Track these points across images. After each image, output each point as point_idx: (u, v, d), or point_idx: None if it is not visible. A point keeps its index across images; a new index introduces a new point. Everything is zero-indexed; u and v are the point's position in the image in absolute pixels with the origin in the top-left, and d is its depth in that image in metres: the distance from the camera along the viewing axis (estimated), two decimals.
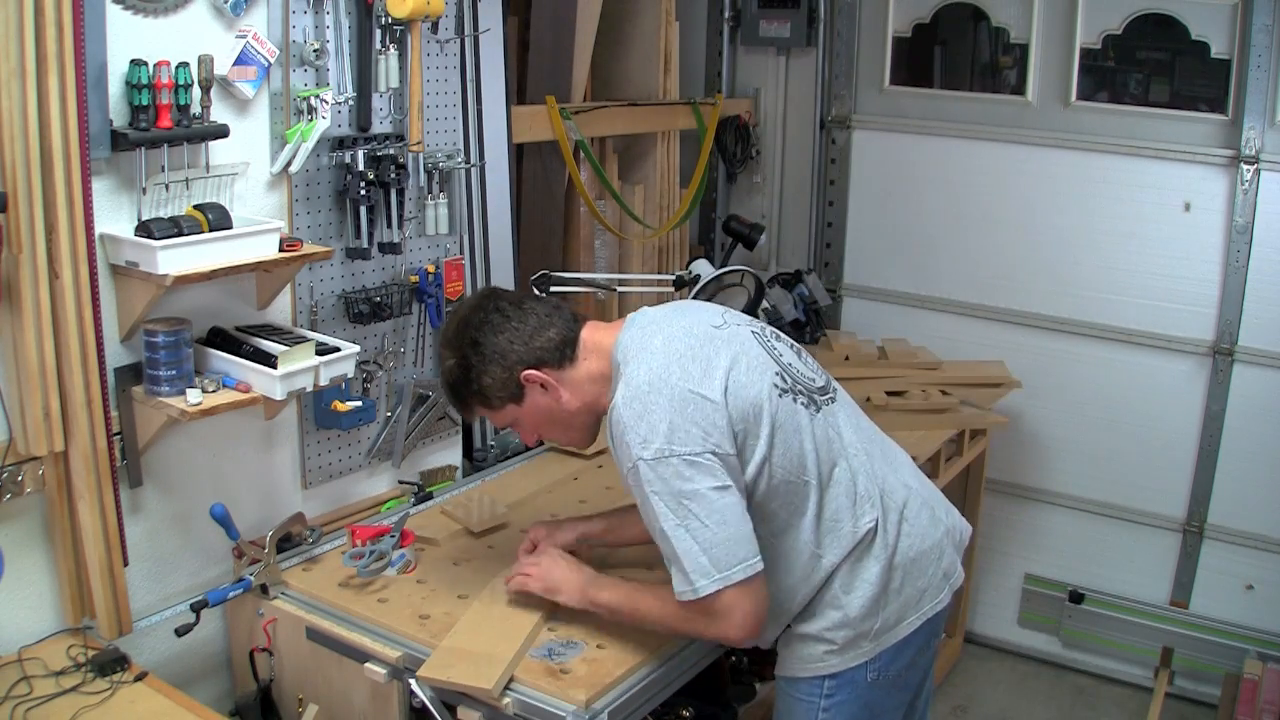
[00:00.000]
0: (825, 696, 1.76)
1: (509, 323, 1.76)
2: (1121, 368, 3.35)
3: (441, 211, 2.46)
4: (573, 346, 1.77)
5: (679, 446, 1.58)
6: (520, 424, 1.83)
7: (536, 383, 1.75)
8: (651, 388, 1.62)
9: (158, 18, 1.86)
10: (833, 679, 1.75)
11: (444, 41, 2.46)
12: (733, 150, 3.82)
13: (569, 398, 1.77)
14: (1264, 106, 3.01)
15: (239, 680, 2.15)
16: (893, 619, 1.74)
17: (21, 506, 1.83)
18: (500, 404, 1.78)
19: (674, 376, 1.63)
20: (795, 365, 1.77)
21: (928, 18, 3.51)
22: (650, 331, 1.73)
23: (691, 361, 1.66)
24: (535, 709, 1.68)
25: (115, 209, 1.86)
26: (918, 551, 1.77)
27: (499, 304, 1.78)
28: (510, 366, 1.74)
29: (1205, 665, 3.31)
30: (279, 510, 2.22)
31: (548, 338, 1.76)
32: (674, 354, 1.66)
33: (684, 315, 1.78)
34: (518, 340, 1.74)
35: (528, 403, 1.78)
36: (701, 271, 2.82)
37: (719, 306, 1.87)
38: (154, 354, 1.87)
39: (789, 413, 1.68)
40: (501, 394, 1.77)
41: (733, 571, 1.58)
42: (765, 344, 1.76)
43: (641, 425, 1.60)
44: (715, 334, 1.72)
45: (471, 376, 1.76)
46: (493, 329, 1.75)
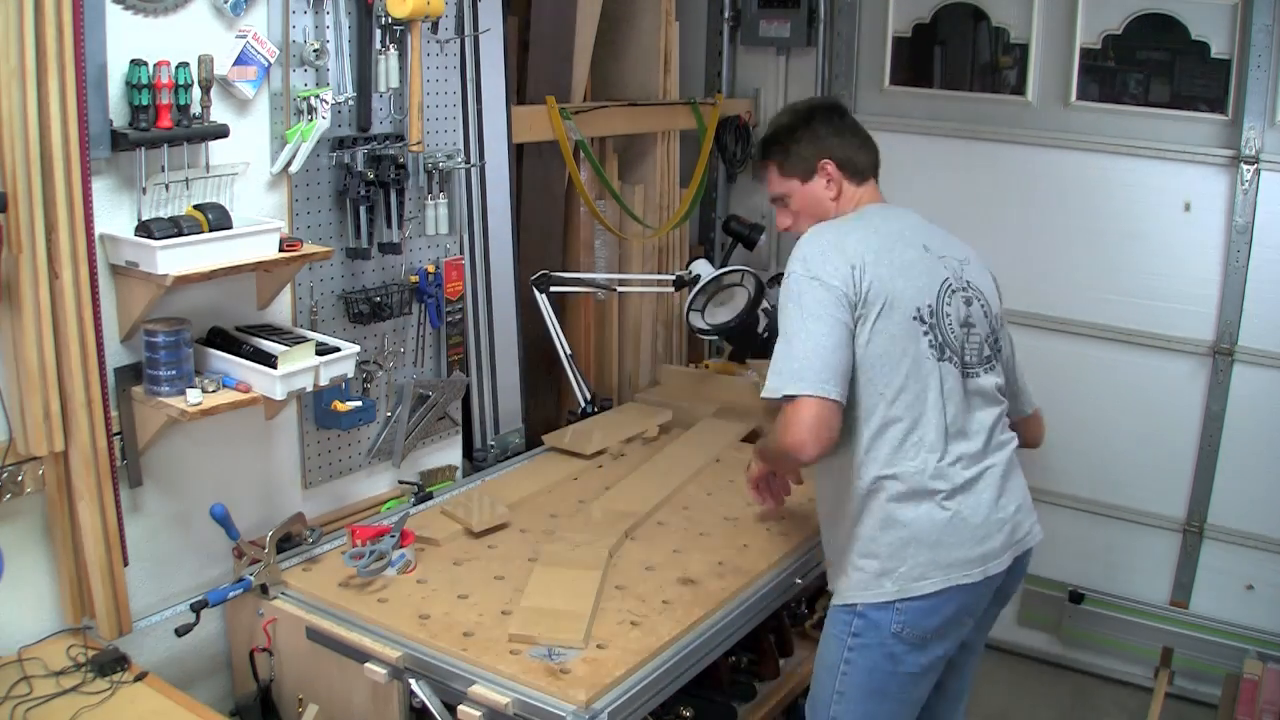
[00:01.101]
0: (853, 635, 1.88)
1: (844, 126, 2.11)
2: (1121, 368, 3.34)
3: (441, 211, 2.46)
4: (862, 176, 2.10)
5: (819, 272, 1.85)
6: (789, 200, 2.11)
7: (827, 175, 2.06)
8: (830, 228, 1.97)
9: (158, 18, 1.87)
10: (860, 617, 1.87)
11: (444, 41, 2.46)
12: (733, 150, 3.81)
13: (840, 202, 2.07)
14: (1264, 106, 3.01)
15: (239, 680, 2.15)
16: (918, 571, 1.84)
17: (21, 506, 1.83)
18: (788, 173, 2.09)
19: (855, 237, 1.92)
20: (952, 320, 1.95)
21: (928, 18, 3.51)
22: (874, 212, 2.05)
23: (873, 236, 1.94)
24: (535, 709, 1.68)
25: (115, 209, 1.86)
26: (963, 523, 1.86)
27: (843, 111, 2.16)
28: (821, 150, 2.06)
29: (1205, 665, 3.30)
30: (279, 510, 2.22)
31: (859, 155, 2.10)
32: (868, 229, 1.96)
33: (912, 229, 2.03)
34: (838, 140, 2.08)
35: (811, 185, 2.08)
36: (701, 271, 2.82)
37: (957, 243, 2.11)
38: (154, 354, 1.87)
39: (906, 331, 1.87)
40: (795, 166, 2.08)
41: (811, 385, 1.77)
42: (945, 290, 1.96)
43: (811, 247, 1.91)
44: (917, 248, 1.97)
45: (788, 140, 2.09)
46: (828, 122, 2.10)
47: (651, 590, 2.04)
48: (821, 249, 1.90)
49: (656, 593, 2.03)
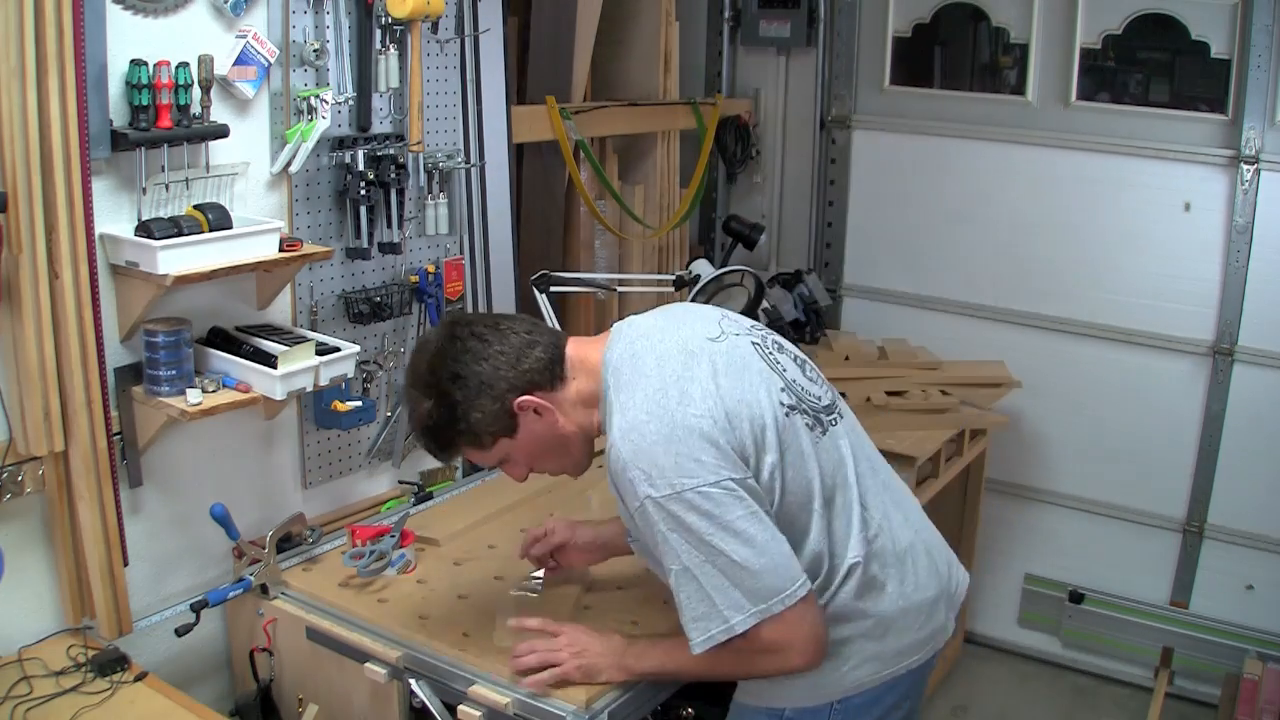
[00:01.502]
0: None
1: (490, 347, 1.58)
2: (1121, 368, 3.34)
3: (441, 211, 2.46)
4: (560, 364, 1.62)
5: (689, 479, 1.45)
6: (512, 459, 1.67)
7: (530, 409, 1.59)
8: (650, 416, 1.49)
9: (158, 18, 1.87)
10: None
11: (444, 41, 2.46)
12: (733, 150, 3.82)
13: (564, 421, 1.62)
14: (1264, 106, 3.01)
15: (239, 680, 2.15)
16: (864, 670, 1.63)
17: (21, 506, 1.83)
18: (491, 440, 1.61)
19: (672, 403, 1.50)
20: (799, 381, 1.63)
21: (928, 18, 3.51)
22: (640, 349, 1.59)
23: (690, 383, 1.52)
24: (535, 709, 1.68)
25: (115, 209, 1.86)
26: (909, 604, 1.64)
27: (473, 329, 1.61)
28: (501, 395, 1.57)
29: (1205, 665, 3.31)
30: (279, 510, 2.22)
31: (535, 357, 1.59)
32: (670, 377, 1.53)
33: (678, 328, 1.63)
34: (504, 364, 1.57)
35: (521, 433, 1.61)
36: (701, 271, 2.82)
37: (715, 311, 1.73)
38: (154, 354, 1.87)
39: (794, 433, 1.56)
40: (493, 428, 1.59)
41: (770, 604, 1.47)
42: (767, 356, 1.63)
43: (643, 461, 1.47)
44: (711, 347, 1.59)
45: (459, 415, 1.58)
46: (474, 357, 1.57)
47: (653, 590, 2.04)
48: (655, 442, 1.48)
49: (657, 592, 2.03)
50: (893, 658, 1.64)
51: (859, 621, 1.61)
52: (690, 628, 1.51)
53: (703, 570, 1.47)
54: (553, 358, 1.62)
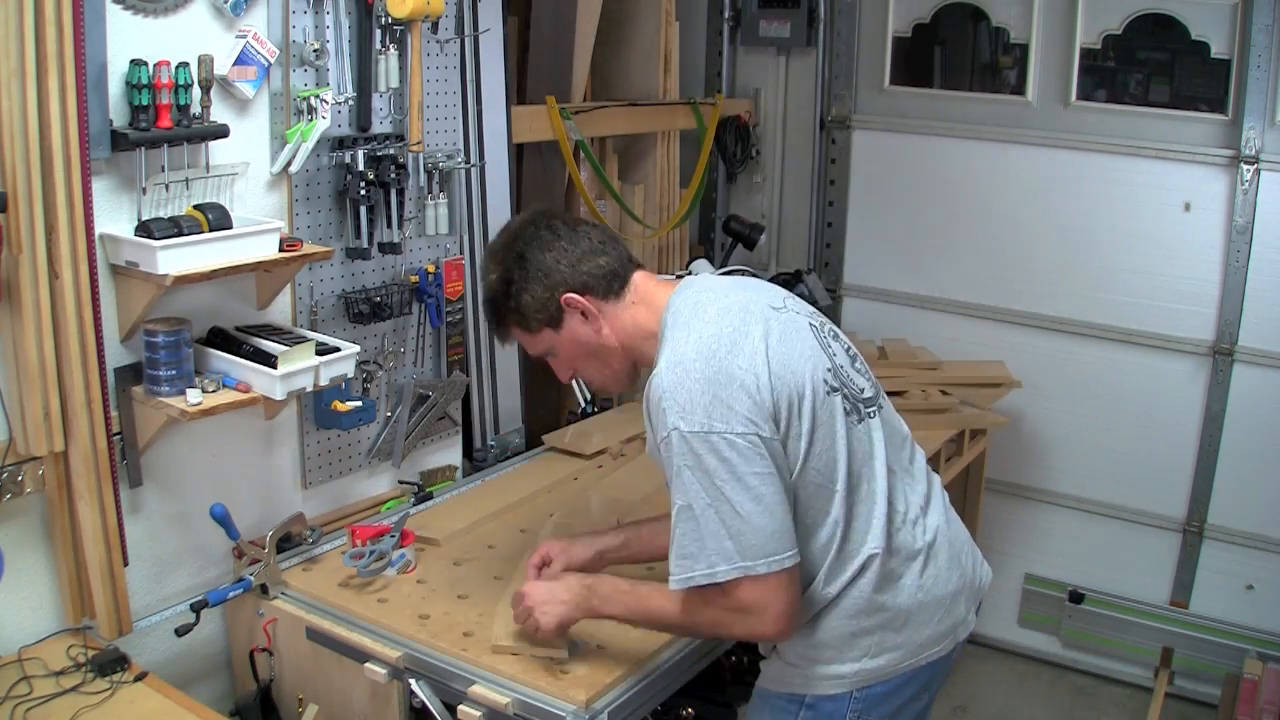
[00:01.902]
0: None
1: (559, 241, 1.66)
2: (1121, 368, 3.34)
3: (441, 211, 2.46)
4: (622, 282, 1.68)
5: (720, 424, 1.49)
6: (555, 354, 1.72)
7: (577, 309, 1.65)
8: (699, 356, 1.53)
9: (158, 18, 1.86)
10: (810, 709, 1.66)
11: (444, 41, 2.46)
12: (733, 150, 3.82)
13: (609, 332, 1.67)
14: (1264, 106, 3.01)
15: (239, 680, 2.15)
16: (884, 660, 1.64)
17: (21, 506, 1.83)
18: (537, 326, 1.68)
19: (723, 350, 1.53)
20: (846, 368, 1.66)
21: (928, 18, 3.51)
22: (705, 300, 1.62)
23: (744, 338, 1.55)
24: (535, 709, 1.68)
25: (115, 209, 1.86)
26: (928, 598, 1.65)
27: (551, 222, 1.68)
28: (553, 286, 1.64)
29: (1205, 665, 3.31)
30: (279, 510, 2.21)
31: (597, 264, 1.66)
32: (726, 327, 1.56)
33: (744, 290, 1.68)
34: (565, 260, 1.65)
35: (565, 330, 1.67)
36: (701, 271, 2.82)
37: (782, 290, 1.74)
38: (154, 354, 1.87)
39: (830, 413, 1.58)
40: (540, 315, 1.66)
41: (757, 564, 1.49)
42: (821, 339, 1.65)
43: (681, 394, 1.51)
44: (772, 314, 1.62)
45: (512, 292, 1.66)
46: (541, 245, 1.65)
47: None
48: (694, 382, 1.51)
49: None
50: (914, 649, 1.66)
51: (879, 614, 1.62)
52: (675, 563, 1.53)
53: (705, 513, 1.50)
54: (614, 272, 1.67)
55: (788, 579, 1.52)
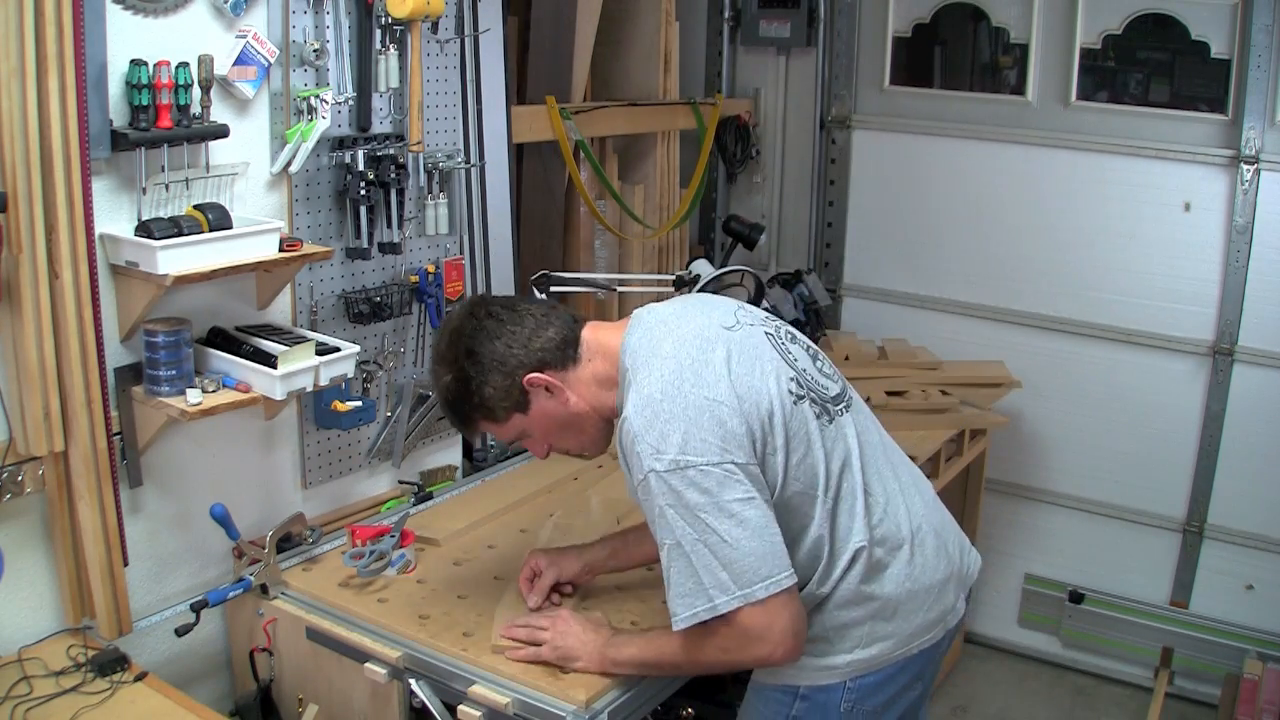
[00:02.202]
0: (791, 718, 1.68)
1: (504, 326, 1.67)
2: (1121, 368, 3.35)
3: (441, 211, 2.46)
4: (575, 346, 1.70)
5: (695, 457, 1.50)
6: (529, 435, 1.74)
7: (541, 386, 1.67)
8: (665, 395, 1.54)
9: (158, 18, 1.86)
10: (803, 700, 1.67)
11: (444, 41, 2.46)
12: (733, 150, 3.82)
13: (576, 400, 1.69)
14: (1264, 106, 3.01)
15: (239, 680, 2.15)
16: (875, 650, 1.65)
17: (21, 506, 1.83)
18: (505, 415, 1.69)
19: (687, 384, 1.55)
20: (809, 370, 1.67)
21: (928, 18, 3.51)
22: (659, 335, 1.65)
23: (705, 367, 1.57)
24: (535, 709, 1.68)
25: (115, 209, 1.86)
26: (916, 586, 1.67)
27: (490, 309, 1.69)
28: (511, 372, 1.66)
29: (1205, 665, 3.31)
30: (279, 510, 2.22)
31: (547, 338, 1.68)
32: (686, 360, 1.58)
33: (694, 315, 1.69)
34: (516, 343, 1.66)
35: (534, 410, 1.69)
36: (701, 271, 2.82)
37: (732, 303, 1.76)
38: (154, 354, 1.87)
39: (802, 421, 1.60)
40: (505, 403, 1.67)
41: (754, 589, 1.49)
42: (779, 346, 1.67)
43: (652, 434, 1.52)
44: (726, 335, 1.64)
45: (472, 389, 1.67)
46: (488, 335, 1.66)
47: (652, 590, 2.04)
48: (662, 416, 1.53)
49: (657, 593, 2.03)
50: (904, 638, 1.67)
51: (867, 604, 1.64)
52: (675, 604, 1.54)
53: (694, 548, 1.51)
54: (566, 339, 1.69)
55: (787, 598, 1.53)
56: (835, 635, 1.64)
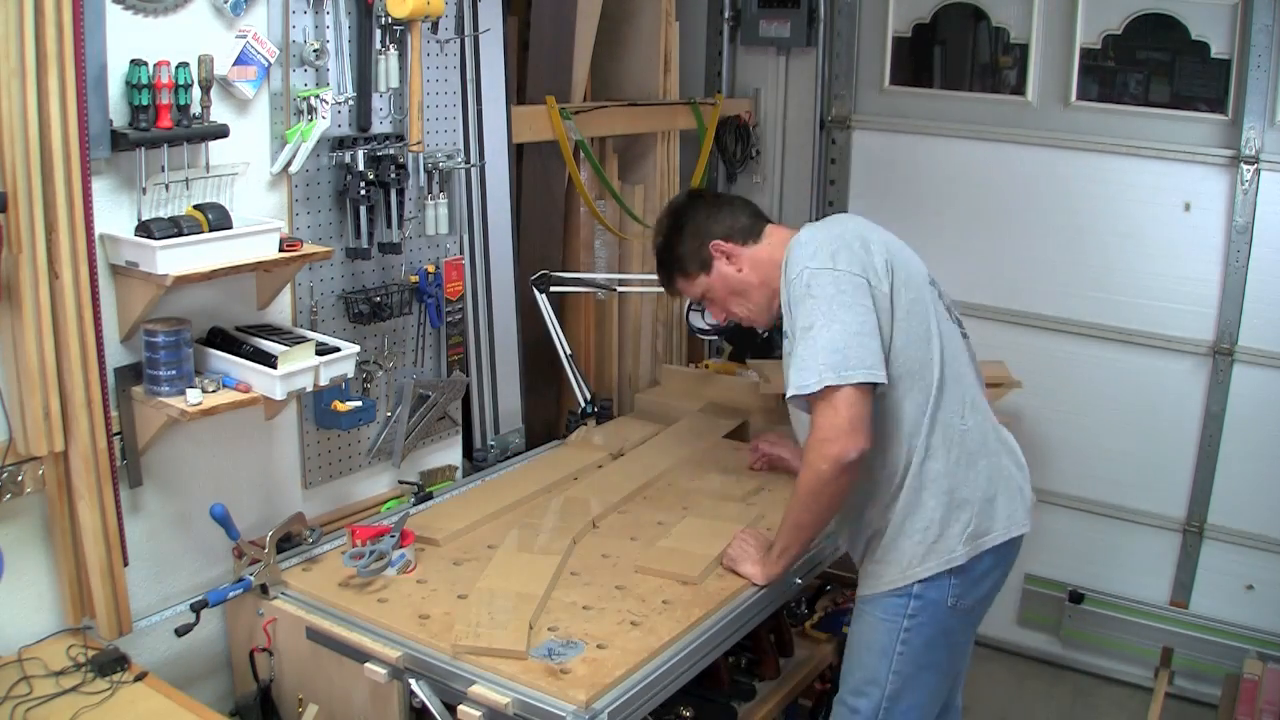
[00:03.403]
0: (908, 616, 1.94)
1: (706, 207, 2.14)
2: (1121, 368, 3.34)
3: (441, 211, 2.46)
4: (757, 232, 2.11)
5: (841, 265, 1.86)
6: (711, 294, 2.15)
7: (722, 253, 2.09)
8: (828, 233, 1.94)
9: (158, 18, 1.87)
10: (916, 599, 1.92)
11: (444, 41, 2.46)
12: (733, 150, 3.82)
13: (748, 271, 2.09)
14: (1264, 106, 3.01)
15: (239, 680, 2.15)
16: (978, 529, 1.92)
17: (21, 506, 1.83)
18: (694, 273, 2.13)
19: (849, 230, 1.94)
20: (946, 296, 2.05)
21: (928, 18, 3.51)
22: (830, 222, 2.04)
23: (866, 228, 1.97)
24: (535, 709, 1.68)
25: (115, 209, 1.86)
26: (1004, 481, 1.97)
27: (703, 194, 2.26)
28: (702, 238, 2.10)
29: (1205, 665, 3.31)
30: (279, 510, 2.22)
31: (737, 219, 2.11)
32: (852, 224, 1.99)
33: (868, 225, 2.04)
34: (711, 219, 2.11)
35: (715, 271, 2.11)
36: None
37: None
38: (154, 354, 1.87)
39: (933, 301, 1.96)
40: (694, 263, 2.12)
41: (854, 372, 1.78)
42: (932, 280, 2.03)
43: (811, 245, 1.91)
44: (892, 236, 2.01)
45: (672, 247, 2.14)
46: (694, 210, 2.15)
47: (651, 590, 2.04)
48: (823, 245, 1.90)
49: (656, 593, 2.03)
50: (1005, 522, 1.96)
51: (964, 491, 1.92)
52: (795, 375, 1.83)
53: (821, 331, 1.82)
54: (749, 226, 2.12)
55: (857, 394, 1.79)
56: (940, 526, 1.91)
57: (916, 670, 1.96)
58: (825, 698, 2.70)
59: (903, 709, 1.98)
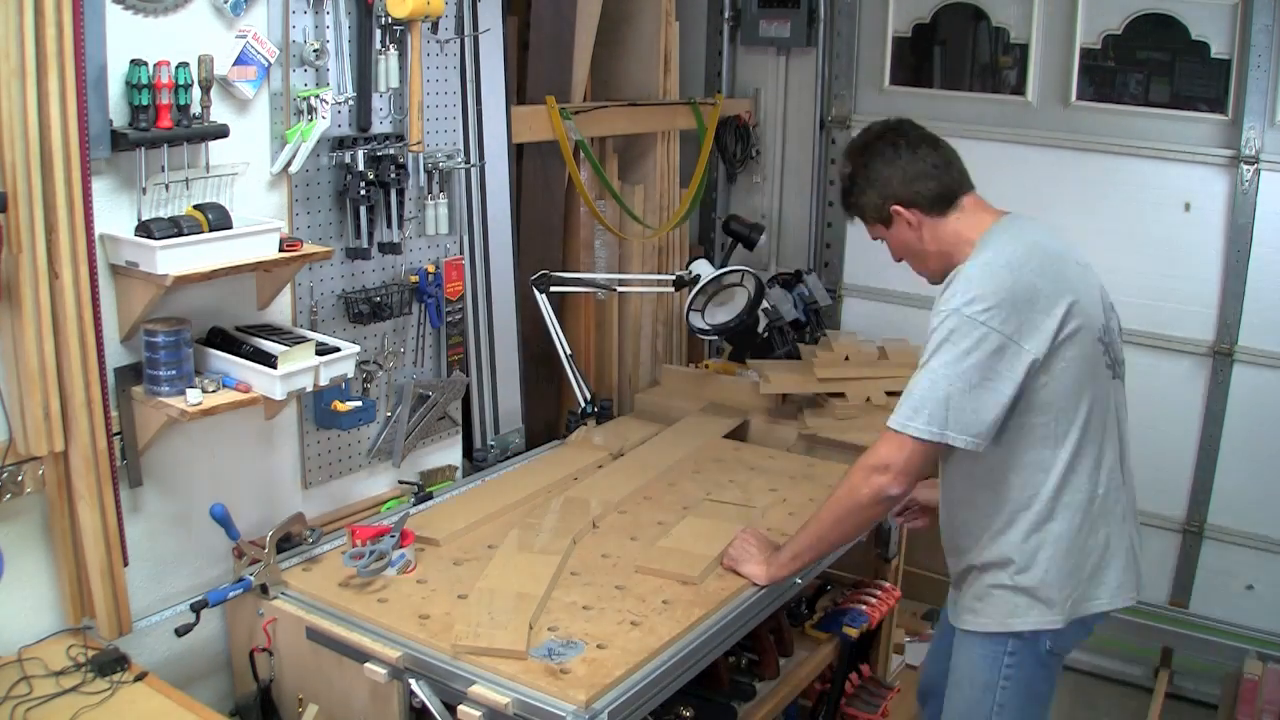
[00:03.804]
0: (1009, 654, 1.90)
1: (899, 159, 1.94)
2: None
3: (441, 211, 2.46)
4: (949, 203, 1.94)
5: (995, 322, 1.74)
6: (889, 242, 2.02)
7: (903, 218, 1.94)
8: (1009, 265, 1.80)
9: (158, 18, 1.87)
10: (1017, 638, 1.88)
11: (444, 41, 2.46)
12: (733, 150, 3.82)
13: (929, 240, 1.94)
14: (1264, 106, 3.01)
15: (239, 680, 2.15)
16: (1083, 596, 1.87)
17: (21, 506, 1.83)
18: (871, 221, 2.00)
19: (1031, 268, 1.80)
20: (1115, 333, 1.95)
21: (928, 18, 3.51)
22: (1031, 227, 1.92)
23: (1052, 264, 1.83)
24: (535, 709, 1.68)
25: (115, 209, 1.86)
26: (1118, 552, 1.89)
27: (900, 138, 1.96)
28: (885, 196, 1.94)
29: (1205, 665, 3.30)
30: (279, 510, 2.22)
31: (927, 186, 1.92)
32: (1042, 251, 1.84)
33: (1058, 239, 1.95)
34: (898, 177, 1.93)
35: (894, 230, 1.97)
36: (701, 271, 2.82)
37: None
38: (154, 354, 1.87)
39: (1094, 360, 1.85)
40: (873, 215, 1.99)
41: (949, 433, 1.75)
42: (1104, 302, 1.94)
43: (974, 286, 1.78)
44: (1077, 268, 1.89)
45: (854, 191, 1.99)
46: (884, 160, 1.95)
47: (651, 590, 2.04)
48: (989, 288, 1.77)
49: (656, 593, 2.03)
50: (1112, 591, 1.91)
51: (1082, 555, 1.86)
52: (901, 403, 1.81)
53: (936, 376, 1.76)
54: (943, 195, 1.94)
55: (915, 444, 1.77)
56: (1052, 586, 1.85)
57: (1022, 704, 1.93)
58: (825, 698, 2.71)
59: None
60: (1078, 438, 1.83)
